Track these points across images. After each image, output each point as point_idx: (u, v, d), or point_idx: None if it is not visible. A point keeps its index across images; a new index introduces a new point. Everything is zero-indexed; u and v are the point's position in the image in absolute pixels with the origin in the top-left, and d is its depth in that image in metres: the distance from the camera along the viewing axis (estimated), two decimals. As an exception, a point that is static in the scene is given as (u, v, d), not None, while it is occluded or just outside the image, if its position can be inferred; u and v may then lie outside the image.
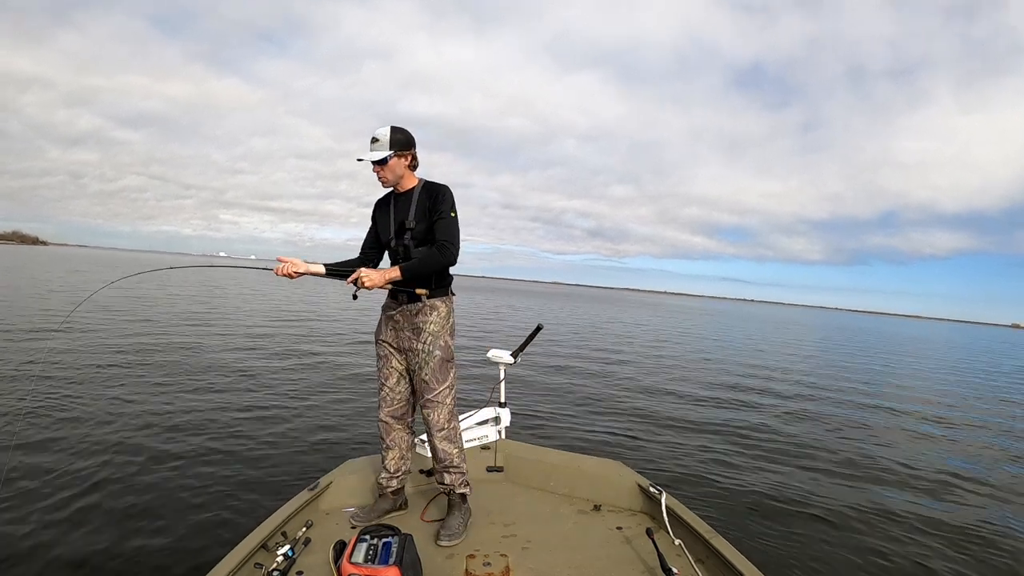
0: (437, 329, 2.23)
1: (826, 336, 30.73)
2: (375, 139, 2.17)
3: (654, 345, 15.25)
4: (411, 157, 2.24)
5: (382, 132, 2.16)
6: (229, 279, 36.00)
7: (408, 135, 2.21)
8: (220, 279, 36.10)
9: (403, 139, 2.19)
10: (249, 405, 5.97)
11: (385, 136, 2.16)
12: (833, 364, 13.89)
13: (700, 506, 3.66)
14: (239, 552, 1.82)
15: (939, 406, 8.97)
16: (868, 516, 3.92)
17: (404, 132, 2.20)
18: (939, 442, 6.46)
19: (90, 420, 5.15)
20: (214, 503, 3.54)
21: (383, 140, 2.16)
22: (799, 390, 9.18)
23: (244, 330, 12.65)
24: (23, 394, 5.81)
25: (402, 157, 2.20)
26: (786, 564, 3.14)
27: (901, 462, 5.34)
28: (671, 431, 5.94)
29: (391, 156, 2.16)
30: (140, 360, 8.18)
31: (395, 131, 2.17)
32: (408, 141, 2.21)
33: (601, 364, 10.82)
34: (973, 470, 5.30)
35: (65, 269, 33.18)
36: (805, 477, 4.69)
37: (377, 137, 2.17)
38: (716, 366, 11.69)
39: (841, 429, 6.59)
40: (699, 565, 1.90)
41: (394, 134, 2.17)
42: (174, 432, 4.92)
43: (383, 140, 2.16)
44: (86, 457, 4.22)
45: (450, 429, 2.29)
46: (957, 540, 3.63)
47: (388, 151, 2.15)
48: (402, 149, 2.19)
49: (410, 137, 2.22)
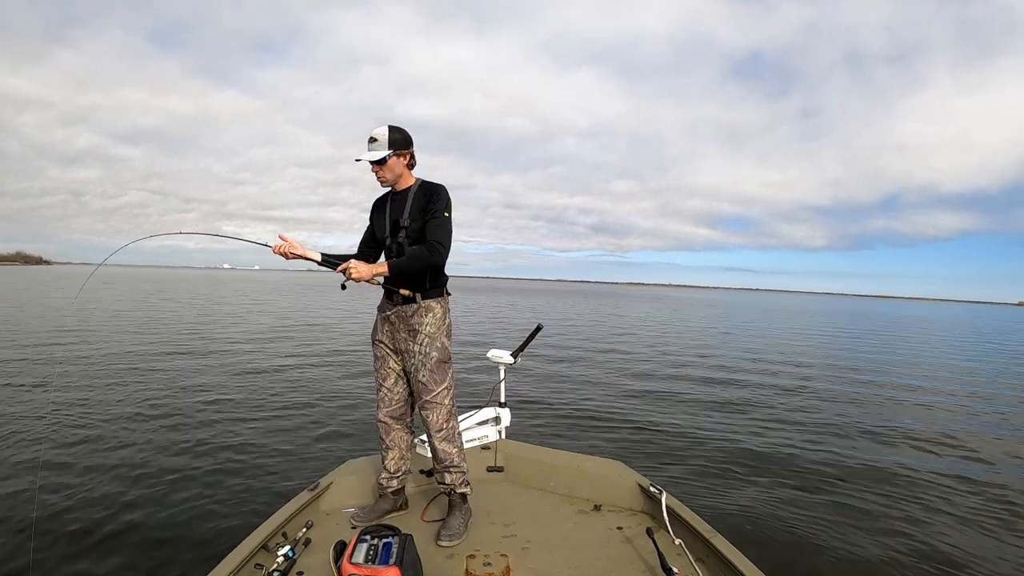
0: (433, 330, 2.22)
1: (830, 322, 30.60)
2: (373, 139, 2.17)
3: (655, 340, 15.23)
4: (409, 156, 2.24)
5: (380, 132, 2.16)
6: (232, 290, 35.98)
7: (405, 134, 2.21)
8: (224, 291, 36.09)
9: (401, 138, 2.19)
10: (249, 406, 5.98)
11: (383, 136, 2.16)
12: (836, 353, 13.85)
13: (700, 506, 3.65)
14: (240, 552, 1.82)
15: (944, 393, 8.95)
16: (870, 516, 3.91)
17: (402, 131, 2.20)
18: (950, 439, 6.44)
19: (89, 419, 5.15)
20: (214, 503, 3.54)
21: (381, 140, 2.16)
22: (801, 383, 9.16)
23: (245, 334, 12.66)
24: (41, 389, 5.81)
25: (400, 156, 2.21)
26: (787, 564, 3.15)
27: (904, 463, 5.33)
28: (671, 430, 5.93)
29: (390, 156, 2.17)
30: (141, 362, 8.19)
31: (393, 130, 2.17)
32: (406, 140, 2.21)
33: (601, 363, 10.82)
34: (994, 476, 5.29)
35: (72, 287, 33.11)
36: (806, 476, 4.68)
37: (375, 137, 2.16)
38: (716, 360, 11.66)
39: (845, 427, 6.58)
40: (699, 565, 1.90)
41: (392, 133, 2.17)
42: (174, 433, 4.93)
43: (381, 140, 2.16)
44: (85, 456, 4.23)
45: (449, 429, 2.29)
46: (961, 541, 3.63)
47: (387, 151, 2.16)
48: (400, 148, 2.19)
49: (408, 136, 2.22)
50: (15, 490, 3.60)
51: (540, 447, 3.04)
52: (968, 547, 3.50)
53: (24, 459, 4.15)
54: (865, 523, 3.78)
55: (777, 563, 3.06)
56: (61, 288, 25.98)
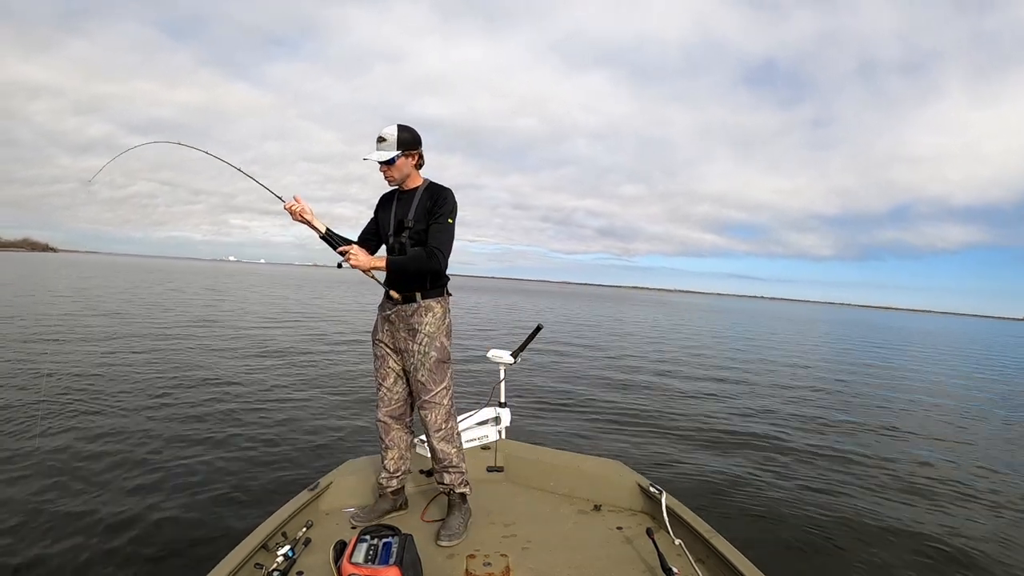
0: (433, 330, 2.22)
1: (830, 331, 30.55)
2: (382, 138, 2.16)
3: (654, 342, 15.26)
4: (417, 156, 2.24)
5: (389, 131, 2.15)
6: (234, 284, 36.00)
7: (415, 134, 2.21)
8: (226, 285, 36.07)
9: (410, 138, 2.19)
10: (249, 406, 5.97)
11: (392, 135, 2.15)
12: (834, 360, 13.89)
13: (700, 506, 3.65)
14: (239, 552, 1.82)
15: (948, 410, 8.97)
16: (871, 518, 3.91)
17: (411, 131, 2.20)
18: (948, 447, 6.45)
19: (89, 419, 5.15)
20: (214, 503, 3.54)
21: (390, 139, 2.15)
22: (797, 387, 9.17)
23: (245, 332, 12.66)
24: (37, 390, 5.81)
25: (409, 156, 2.21)
26: (787, 564, 3.15)
27: (907, 463, 5.34)
28: (672, 430, 5.93)
29: (398, 156, 2.16)
30: (142, 363, 8.19)
31: (402, 130, 2.17)
32: (415, 140, 2.21)
33: (602, 363, 10.82)
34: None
35: (77, 276, 33.13)
36: (807, 476, 4.69)
37: (384, 136, 2.16)
38: (716, 363, 11.68)
39: (845, 428, 6.59)
40: (699, 565, 1.90)
41: (401, 133, 2.16)
42: (174, 433, 4.92)
43: (390, 139, 2.15)
44: (84, 456, 4.22)
45: (448, 429, 2.29)
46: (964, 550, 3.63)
47: (395, 151, 2.16)
48: (409, 148, 2.19)
49: (417, 136, 2.22)
50: (15, 489, 3.60)
51: (540, 447, 3.04)
52: (970, 551, 3.50)
53: (19, 453, 4.15)
54: (866, 524, 3.78)
55: (777, 563, 3.06)
56: (66, 276, 26.11)
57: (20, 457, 4.11)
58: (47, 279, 27.74)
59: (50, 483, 3.70)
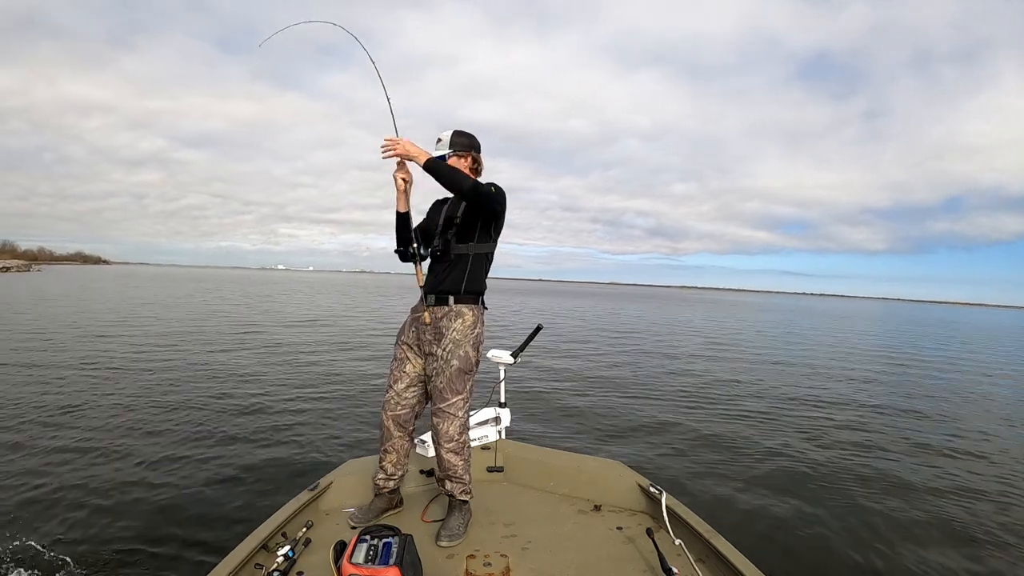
0: (459, 337, 2.19)
1: (867, 329, 28.93)
2: (438, 140, 2.29)
3: (658, 342, 15.23)
4: (471, 159, 2.32)
5: (445, 134, 2.29)
6: (239, 291, 35.93)
7: (471, 138, 2.32)
8: (234, 294, 36.02)
9: (464, 141, 2.30)
10: (249, 406, 5.98)
11: (447, 137, 2.28)
12: (843, 356, 13.81)
13: (700, 506, 3.65)
14: (240, 552, 1.82)
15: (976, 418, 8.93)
16: (872, 519, 3.91)
17: (467, 135, 2.31)
18: (975, 454, 6.43)
19: (88, 420, 5.15)
20: (214, 503, 3.54)
21: (444, 141, 2.28)
22: (803, 387, 9.16)
23: (248, 334, 12.66)
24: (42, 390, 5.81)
25: (461, 158, 2.30)
26: (787, 564, 3.15)
27: (914, 470, 5.33)
28: (672, 430, 5.93)
29: (449, 155, 2.27)
30: (143, 363, 8.19)
31: (457, 134, 2.30)
32: (469, 144, 2.31)
33: (603, 363, 10.81)
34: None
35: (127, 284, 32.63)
36: (807, 476, 4.68)
37: (440, 138, 2.29)
38: (723, 362, 11.67)
39: (846, 429, 6.58)
40: (699, 565, 1.90)
41: (455, 136, 2.29)
42: (174, 433, 4.93)
43: (444, 141, 2.28)
44: (83, 456, 4.23)
45: (459, 442, 2.24)
46: (965, 545, 3.62)
47: (447, 150, 2.27)
48: (461, 150, 2.29)
49: (473, 140, 2.32)
50: (10, 485, 3.60)
51: (540, 447, 3.03)
52: (972, 555, 3.49)
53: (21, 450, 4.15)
54: (866, 525, 3.78)
55: (777, 563, 3.07)
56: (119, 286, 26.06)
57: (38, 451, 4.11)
58: (101, 289, 27.67)
59: (47, 481, 3.70)
